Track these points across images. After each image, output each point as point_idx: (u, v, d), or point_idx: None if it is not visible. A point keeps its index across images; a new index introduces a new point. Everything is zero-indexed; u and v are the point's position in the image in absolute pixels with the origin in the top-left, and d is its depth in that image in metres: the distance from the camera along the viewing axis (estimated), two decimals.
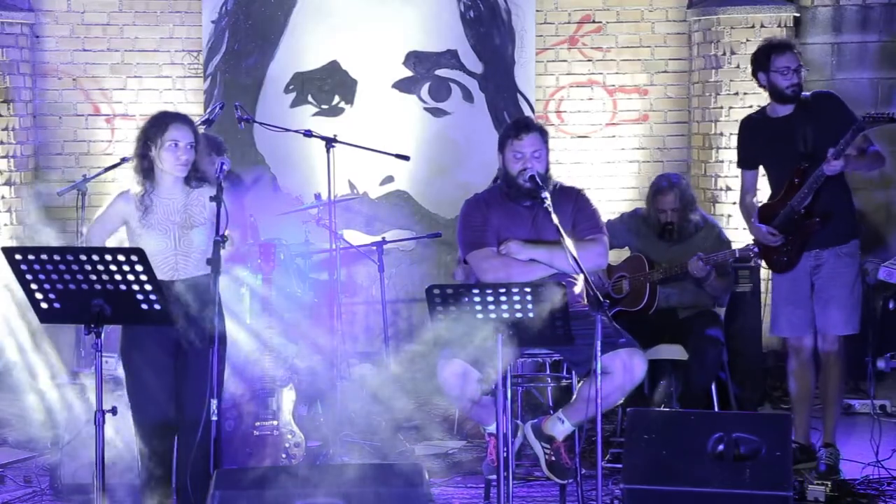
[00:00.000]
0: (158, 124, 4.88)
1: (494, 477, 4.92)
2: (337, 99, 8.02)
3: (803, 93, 5.88)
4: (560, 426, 5.17)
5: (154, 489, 4.85)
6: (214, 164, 5.12)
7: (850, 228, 5.87)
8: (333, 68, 8.01)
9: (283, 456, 5.78)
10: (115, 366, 5.89)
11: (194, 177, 4.92)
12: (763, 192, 6.16)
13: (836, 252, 5.81)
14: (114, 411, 4.42)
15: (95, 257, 4.23)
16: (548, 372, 5.56)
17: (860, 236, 5.95)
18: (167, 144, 4.85)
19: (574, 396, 5.20)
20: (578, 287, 5.33)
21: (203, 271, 4.79)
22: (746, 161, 6.07)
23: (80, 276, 4.25)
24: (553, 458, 5.15)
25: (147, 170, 4.89)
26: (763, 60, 5.86)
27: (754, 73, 5.95)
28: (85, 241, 5.03)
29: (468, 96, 8.04)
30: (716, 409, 6.26)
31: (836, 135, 5.66)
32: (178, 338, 4.81)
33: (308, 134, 6.67)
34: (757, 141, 5.97)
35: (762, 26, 7.70)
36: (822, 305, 5.84)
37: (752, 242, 6.10)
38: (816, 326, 5.88)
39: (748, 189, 6.07)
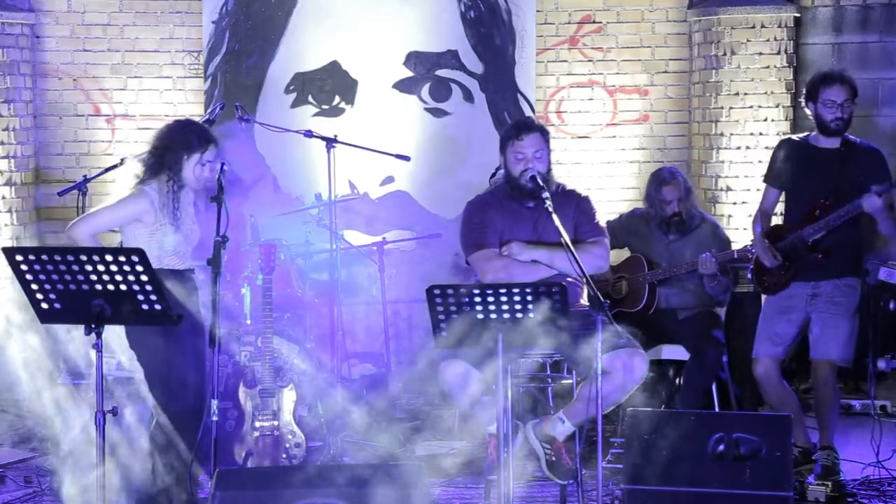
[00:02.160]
0: (202, 141, 5.09)
1: (495, 477, 4.91)
2: (337, 99, 8.02)
3: (852, 137, 5.82)
4: (561, 426, 5.17)
5: (178, 481, 4.93)
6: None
7: (852, 265, 5.81)
8: (334, 69, 8.01)
9: (284, 456, 5.78)
10: (114, 366, 5.91)
11: None
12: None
13: (834, 283, 5.76)
14: (114, 412, 4.43)
15: (96, 257, 4.24)
16: (548, 372, 5.56)
17: (862, 276, 5.86)
18: (203, 161, 5.08)
19: (575, 397, 5.20)
20: (584, 297, 5.33)
21: (187, 264, 5.17)
22: (775, 179, 5.98)
23: (80, 277, 4.26)
24: (554, 459, 5.15)
25: (177, 172, 5.07)
26: (813, 91, 5.80)
27: (805, 103, 5.88)
28: (77, 230, 5.09)
29: (468, 96, 8.04)
30: (716, 409, 6.26)
31: (866, 187, 5.62)
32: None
33: (308, 134, 6.68)
34: (793, 162, 5.88)
35: (762, 26, 7.70)
36: (818, 331, 5.78)
37: (742, 248, 6.11)
38: (810, 352, 5.84)
39: (768, 208, 6.01)
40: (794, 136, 6.11)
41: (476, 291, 4.58)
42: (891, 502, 5.44)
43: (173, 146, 5.07)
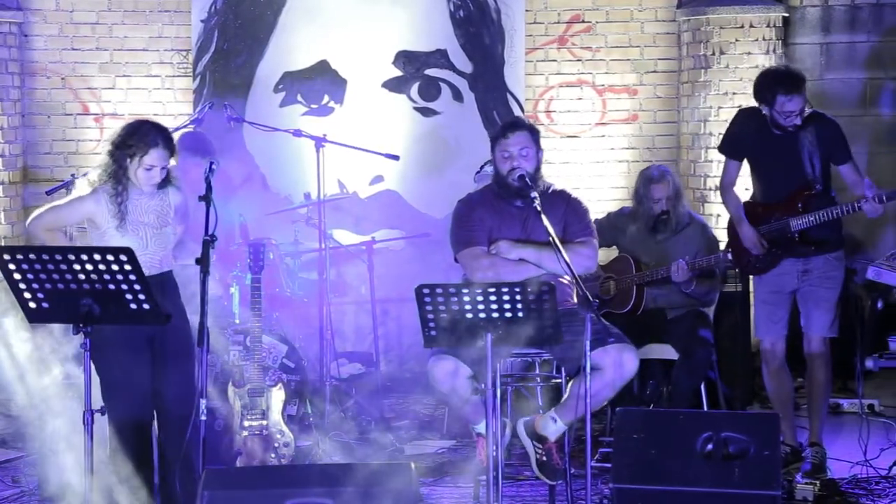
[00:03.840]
0: (140, 144, 4.83)
1: (484, 477, 4.91)
2: (326, 98, 8.01)
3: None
4: (552, 426, 5.16)
5: (132, 487, 4.84)
6: (202, 164, 5.11)
7: (836, 240, 5.85)
8: (323, 68, 8.00)
9: (273, 456, 5.77)
10: None
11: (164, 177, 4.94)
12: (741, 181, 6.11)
13: (825, 258, 5.80)
14: (102, 411, 4.42)
15: (84, 257, 4.23)
16: (537, 371, 5.56)
17: (844, 247, 5.92)
18: (144, 166, 4.85)
19: (566, 395, 5.19)
20: (574, 297, 5.32)
21: (166, 268, 4.92)
22: (735, 152, 5.96)
23: (68, 276, 4.25)
24: (544, 459, 5.15)
25: (122, 175, 4.86)
26: (767, 95, 5.67)
27: (756, 99, 5.77)
28: (34, 222, 4.93)
29: (458, 96, 8.04)
30: (705, 408, 6.27)
31: (829, 164, 5.66)
32: (152, 334, 4.81)
33: (297, 133, 6.68)
34: (754, 139, 5.84)
35: (751, 26, 7.72)
36: (812, 307, 5.81)
37: (725, 249, 6.08)
38: (802, 328, 5.88)
39: (732, 180, 5.99)
40: (752, 108, 5.94)
41: (465, 291, 4.58)
42: (878, 501, 5.45)
43: (120, 147, 4.85)
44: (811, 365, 5.87)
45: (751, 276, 6.36)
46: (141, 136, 4.84)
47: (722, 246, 6.56)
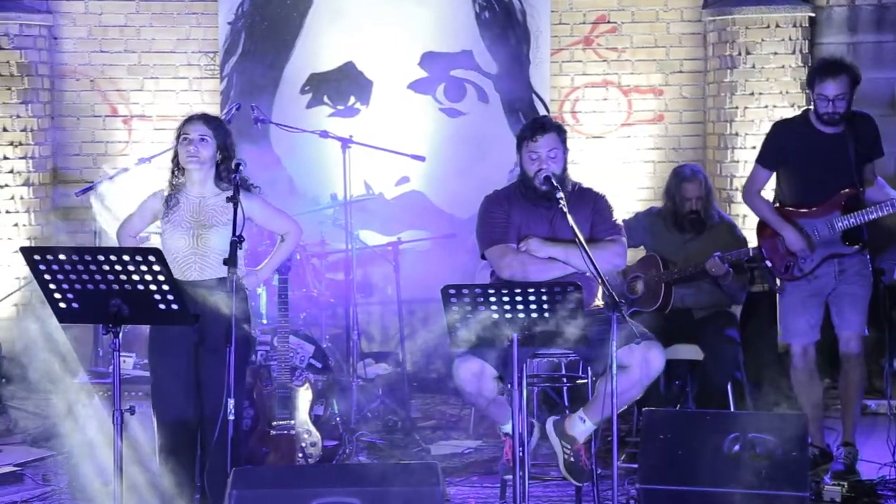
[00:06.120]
0: (181, 123, 5.02)
1: (510, 476, 4.92)
2: (352, 100, 8.04)
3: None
4: (581, 426, 5.14)
5: (175, 486, 4.88)
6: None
7: (867, 239, 5.84)
8: (349, 69, 8.03)
9: (300, 455, 5.80)
10: (132, 365, 5.94)
11: (226, 177, 4.96)
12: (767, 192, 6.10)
13: (859, 256, 5.79)
14: (132, 410, 4.44)
15: (113, 257, 4.25)
16: (563, 371, 5.56)
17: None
18: (181, 140, 4.97)
19: (594, 395, 5.18)
20: (598, 299, 5.31)
21: (219, 275, 4.83)
22: (770, 161, 5.91)
23: (97, 277, 4.27)
24: (572, 460, 5.14)
25: (177, 166, 5.00)
26: (811, 79, 5.78)
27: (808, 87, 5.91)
28: (118, 233, 5.15)
29: (483, 97, 8.05)
30: (732, 409, 6.26)
31: (870, 159, 5.72)
32: (200, 338, 4.85)
33: (324, 135, 6.70)
34: (798, 145, 5.80)
35: (777, 26, 7.70)
36: (847, 305, 5.78)
37: (756, 247, 6.05)
38: (836, 328, 5.85)
39: (760, 187, 5.99)
40: (794, 118, 6.02)
41: (491, 291, 4.59)
42: None
43: (176, 138, 5.02)
44: (847, 365, 5.84)
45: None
46: (183, 120, 5.05)
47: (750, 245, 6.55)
